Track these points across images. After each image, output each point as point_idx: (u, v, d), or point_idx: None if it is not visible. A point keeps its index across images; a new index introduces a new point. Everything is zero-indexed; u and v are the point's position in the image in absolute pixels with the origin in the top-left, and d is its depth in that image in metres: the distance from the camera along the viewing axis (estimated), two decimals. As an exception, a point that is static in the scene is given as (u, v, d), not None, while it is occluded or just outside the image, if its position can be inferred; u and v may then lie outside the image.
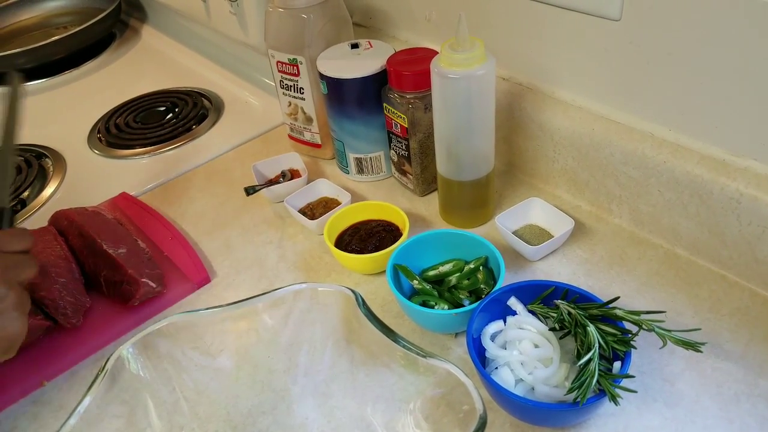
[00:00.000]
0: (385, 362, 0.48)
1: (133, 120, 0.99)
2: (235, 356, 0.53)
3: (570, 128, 0.66)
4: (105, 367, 0.45)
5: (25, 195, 0.87)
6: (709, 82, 0.54)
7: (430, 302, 0.57)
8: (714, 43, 0.52)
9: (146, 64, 1.19)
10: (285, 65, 0.77)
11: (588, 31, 0.61)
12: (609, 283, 0.61)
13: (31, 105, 1.12)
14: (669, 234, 0.63)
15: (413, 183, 0.74)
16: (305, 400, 0.51)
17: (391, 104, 0.69)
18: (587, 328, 0.48)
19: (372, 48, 0.73)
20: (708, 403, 0.50)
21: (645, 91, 0.60)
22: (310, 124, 0.81)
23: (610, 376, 0.46)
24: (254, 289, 0.66)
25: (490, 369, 0.51)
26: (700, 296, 0.58)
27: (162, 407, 0.48)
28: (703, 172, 0.57)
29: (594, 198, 0.68)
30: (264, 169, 0.79)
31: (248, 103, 1.00)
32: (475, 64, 0.57)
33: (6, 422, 0.56)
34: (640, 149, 0.61)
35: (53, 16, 1.35)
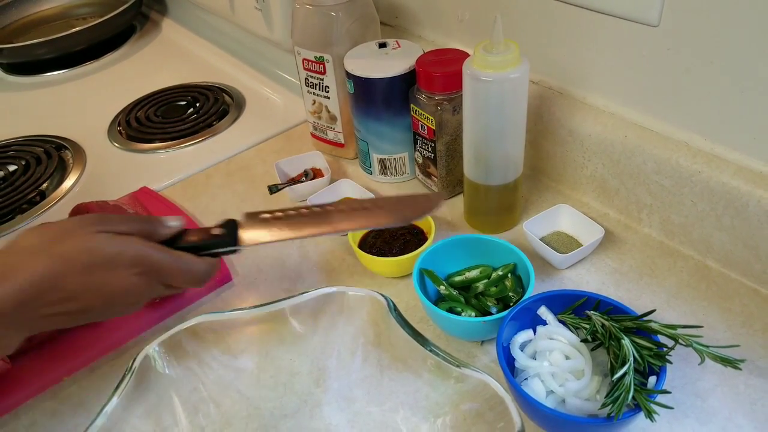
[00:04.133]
0: (414, 369, 0.47)
1: (154, 114, 0.98)
2: (257, 358, 0.53)
3: (601, 134, 0.65)
4: (132, 366, 0.44)
5: (44, 187, 0.86)
6: (749, 93, 0.53)
7: (457, 308, 0.56)
8: (755, 53, 0.51)
9: (166, 58, 1.18)
10: (311, 63, 0.76)
11: (624, 36, 0.60)
12: (638, 294, 0.60)
13: (52, 96, 1.12)
14: (701, 245, 0.61)
15: (438, 185, 0.73)
16: (329, 405, 0.51)
17: (419, 105, 0.68)
18: (621, 341, 0.47)
19: (400, 48, 0.72)
20: (741, 420, 0.49)
21: (681, 99, 0.59)
22: (333, 123, 0.80)
23: (646, 391, 0.45)
24: (276, 288, 0.65)
25: (519, 379, 0.50)
26: (733, 310, 0.57)
27: (187, 406, 0.47)
28: (740, 183, 0.56)
29: (623, 206, 0.67)
30: (287, 167, 0.78)
31: (269, 100, 0.99)
32: (509, 66, 0.56)
33: (25, 417, 0.56)
34: (674, 158, 0.59)
35: (74, 7, 1.35)
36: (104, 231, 0.47)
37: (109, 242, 0.46)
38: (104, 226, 0.47)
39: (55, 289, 0.44)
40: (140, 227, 0.49)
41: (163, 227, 0.50)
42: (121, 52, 1.22)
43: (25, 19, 1.32)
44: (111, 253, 0.46)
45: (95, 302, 0.46)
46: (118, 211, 0.71)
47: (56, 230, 0.46)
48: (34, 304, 0.43)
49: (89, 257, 0.45)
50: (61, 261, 0.44)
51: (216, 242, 0.51)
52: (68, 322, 0.46)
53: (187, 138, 0.92)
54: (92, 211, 0.69)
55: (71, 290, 0.44)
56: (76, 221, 0.48)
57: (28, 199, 0.84)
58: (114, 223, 0.48)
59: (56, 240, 0.45)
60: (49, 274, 0.43)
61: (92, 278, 0.45)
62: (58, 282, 0.44)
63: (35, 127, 1.00)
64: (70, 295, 0.44)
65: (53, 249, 0.44)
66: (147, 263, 0.47)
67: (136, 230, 0.49)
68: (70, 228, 0.46)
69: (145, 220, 0.51)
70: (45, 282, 0.43)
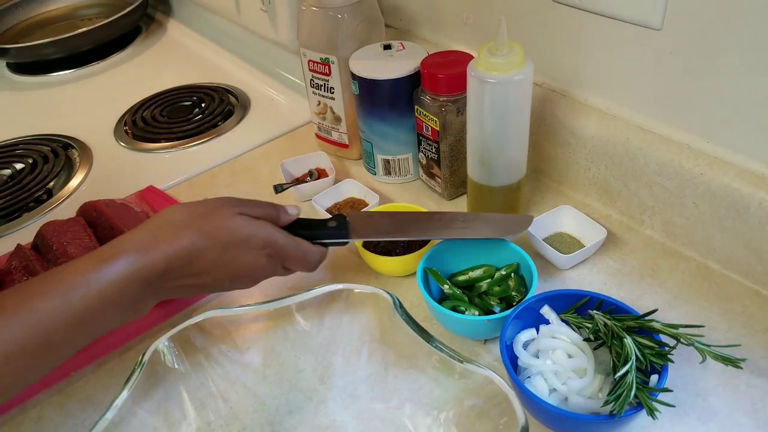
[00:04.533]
0: (419, 365, 0.47)
1: (160, 114, 0.99)
2: (262, 354, 0.53)
3: (604, 137, 0.65)
4: (142, 361, 0.45)
5: (51, 185, 0.87)
6: (750, 95, 0.54)
7: (460, 308, 0.57)
8: (757, 56, 0.52)
9: (172, 59, 1.19)
10: (316, 64, 0.76)
11: (627, 39, 0.60)
12: (641, 295, 0.60)
13: (58, 95, 1.13)
14: (702, 247, 0.62)
15: (441, 186, 0.74)
16: (334, 401, 0.51)
17: (423, 107, 0.68)
18: (624, 340, 0.48)
19: (405, 50, 0.73)
20: (742, 419, 0.49)
21: (683, 101, 0.59)
22: (338, 124, 0.81)
23: (648, 389, 0.45)
24: (280, 286, 0.65)
25: (522, 378, 0.51)
26: (734, 311, 0.58)
27: (195, 400, 0.48)
28: (741, 185, 0.56)
29: (626, 208, 0.67)
30: (291, 167, 0.79)
31: (274, 101, 1.00)
32: (513, 69, 0.57)
33: (33, 411, 0.56)
34: (677, 160, 0.60)
35: (80, 8, 1.36)
36: (242, 213, 0.51)
37: (247, 224, 0.50)
38: (242, 208, 0.52)
39: (194, 263, 0.47)
40: (268, 212, 0.54)
41: (286, 214, 0.55)
42: (127, 52, 1.23)
43: (31, 19, 1.33)
44: (247, 233, 0.50)
45: (224, 277, 0.50)
46: (125, 210, 0.72)
47: (203, 208, 0.50)
48: (174, 274, 0.47)
49: (230, 235, 0.49)
50: (205, 236, 0.48)
51: (330, 233, 0.57)
52: (195, 293, 0.50)
53: (193, 138, 0.93)
54: (101, 210, 0.69)
55: (207, 265, 0.48)
56: (218, 201, 0.52)
57: (35, 198, 0.85)
58: (249, 207, 0.52)
59: (203, 216, 0.49)
60: (193, 247, 0.47)
61: (226, 255, 0.49)
62: (198, 256, 0.47)
63: (42, 126, 1.01)
64: (205, 269, 0.48)
65: (201, 224, 0.48)
66: (275, 246, 0.51)
67: (264, 215, 0.53)
68: (214, 207, 0.50)
69: (271, 207, 0.55)
70: (189, 254, 0.47)
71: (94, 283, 0.43)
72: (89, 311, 0.43)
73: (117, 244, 0.46)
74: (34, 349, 0.41)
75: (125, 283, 0.44)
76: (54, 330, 0.42)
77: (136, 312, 0.47)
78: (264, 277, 0.53)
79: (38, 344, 0.41)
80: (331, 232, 0.57)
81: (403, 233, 0.59)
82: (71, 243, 0.65)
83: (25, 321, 0.41)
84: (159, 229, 0.47)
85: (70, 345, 0.44)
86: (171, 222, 0.48)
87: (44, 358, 0.43)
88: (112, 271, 0.44)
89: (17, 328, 0.41)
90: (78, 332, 0.43)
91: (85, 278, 0.43)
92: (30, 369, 0.42)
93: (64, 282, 0.43)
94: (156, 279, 0.46)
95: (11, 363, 0.40)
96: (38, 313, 0.41)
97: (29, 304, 0.42)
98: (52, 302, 0.42)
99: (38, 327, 0.41)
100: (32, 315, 0.41)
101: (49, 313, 0.42)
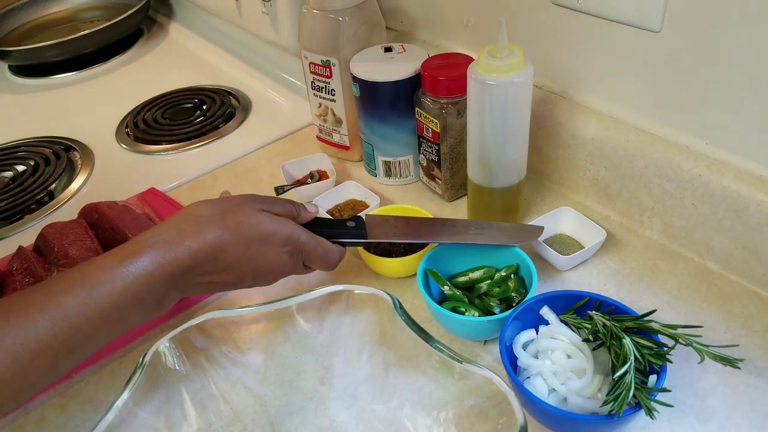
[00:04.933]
0: (419, 366, 0.48)
1: (161, 116, 1.00)
2: (263, 355, 0.54)
3: (604, 138, 0.65)
4: (143, 362, 0.45)
5: (53, 187, 0.87)
6: (749, 97, 0.54)
7: (460, 308, 0.57)
8: (755, 58, 0.52)
9: (173, 61, 1.20)
10: (317, 66, 0.77)
11: (627, 41, 0.61)
12: (640, 296, 0.60)
13: (60, 98, 1.13)
14: (701, 248, 0.62)
15: (442, 188, 0.74)
16: (335, 402, 0.51)
17: (424, 108, 0.69)
18: (623, 340, 0.48)
19: (405, 52, 0.73)
20: (741, 419, 0.50)
21: (683, 103, 0.60)
22: (339, 126, 0.81)
23: (646, 390, 0.45)
24: (281, 288, 0.65)
25: (522, 378, 0.51)
26: (733, 312, 0.58)
27: (196, 401, 0.48)
28: (740, 187, 0.56)
29: (625, 209, 0.68)
30: (292, 169, 0.79)
31: (275, 103, 1.00)
32: (513, 71, 0.57)
33: (34, 412, 0.57)
34: (676, 162, 0.60)
35: (82, 11, 1.37)
36: (264, 210, 0.51)
37: (270, 220, 0.51)
38: (264, 205, 0.52)
39: (218, 259, 0.48)
40: (288, 209, 0.54)
41: (305, 212, 0.56)
42: (129, 55, 1.23)
43: (33, 22, 1.34)
44: (270, 230, 0.50)
45: (246, 274, 0.50)
46: (126, 211, 0.72)
47: (226, 204, 0.50)
48: (198, 270, 0.47)
49: (253, 232, 0.49)
50: (229, 232, 0.48)
51: (350, 233, 0.57)
52: (217, 289, 0.51)
53: (194, 140, 0.93)
54: (102, 212, 0.70)
55: (230, 261, 0.48)
56: (241, 198, 0.52)
57: (37, 200, 0.85)
58: (271, 204, 0.53)
59: (227, 212, 0.49)
60: (217, 243, 0.47)
61: (249, 252, 0.49)
62: (222, 251, 0.48)
63: (44, 128, 1.01)
64: (228, 266, 0.48)
65: (225, 220, 0.48)
66: (297, 244, 0.52)
67: (285, 212, 0.54)
68: (237, 203, 0.51)
69: (291, 204, 0.55)
70: (213, 250, 0.47)
71: (119, 279, 0.43)
72: (115, 307, 0.43)
73: (141, 240, 0.46)
74: (61, 346, 0.41)
75: (150, 279, 0.44)
76: (80, 326, 0.42)
77: (160, 308, 0.47)
78: (285, 274, 0.54)
79: (65, 341, 0.41)
80: (350, 231, 0.58)
81: (419, 236, 0.60)
82: (73, 245, 0.65)
83: (53, 317, 0.41)
84: (183, 225, 0.47)
85: (94, 341, 0.44)
86: (195, 218, 0.48)
87: (70, 355, 0.43)
88: (137, 267, 0.44)
89: (45, 325, 0.40)
90: (103, 328, 0.43)
91: (111, 274, 0.43)
92: (56, 366, 0.42)
93: (89, 278, 0.43)
94: (180, 274, 0.46)
95: (38, 359, 0.40)
96: (65, 309, 0.41)
97: (56, 300, 0.42)
98: (78, 298, 0.42)
99: (65, 323, 0.41)
100: (59, 311, 0.41)
101: (75, 309, 0.42)
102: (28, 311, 0.41)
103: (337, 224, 0.59)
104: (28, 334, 0.40)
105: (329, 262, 0.56)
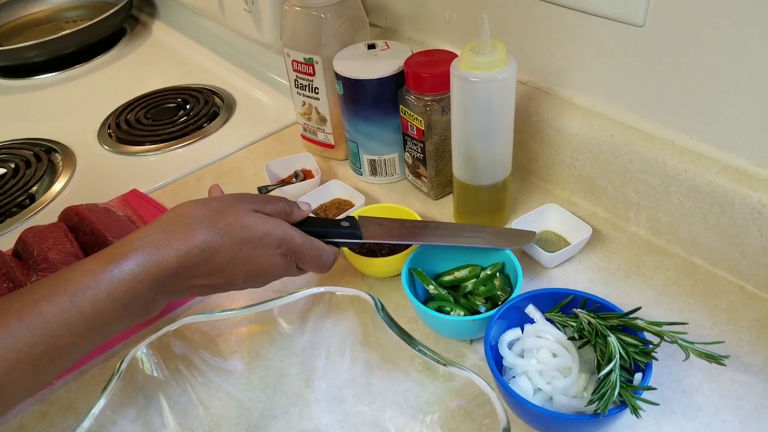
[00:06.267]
0: (403, 368, 0.47)
1: (144, 116, 0.98)
2: (246, 359, 0.53)
3: (589, 134, 0.65)
4: (119, 368, 0.44)
5: (34, 190, 0.86)
6: (733, 92, 0.54)
7: (446, 308, 0.57)
8: (740, 53, 0.52)
9: (157, 60, 1.18)
10: (300, 64, 0.76)
11: (611, 36, 0.60)
12: (626, 292, 0.60)
13: (41, 99, 1.11)
14: (687, 243, 0.62)
15: (428, 186, 0.73)
16: (319, 405, 0.51)
17: (408, 106, 0.68)
18: (608, 338, 0.47)
19: (389, 49, 0.72)
20: (727, 416, 0.49)
21: (667, 98, 0.59)
22: (323, 125, 0.80)
23: (632, 388, 0.45)
24: (265, 291, 0.64)
25: (507, 377, 0.51)
26: (719, 307, 0.58)
27: (176, 408, 0.47)
28: (725, 181, 0.56)
29: (611, 205, 0.67)
30: (277, 168, 0.78)
31: (260, 102, 0.99)
32: (496, 67, 0.56)
33: (13, 420, 0.56)
34: (661, 157, 0.60)
35: (63, 10, 1.35)
36: (256, 210, 0.50)
37: (262, 221, 0.49)
38: (256, 205, 0.50)
39: (208, 262, 0.46)
40: (281, 208, 0.52)
41: (299, 210, 0.54)
42: (112, 54, 1.22)
43: (14, 22, 1.32)
44: (263, 231, 0.48)
45: (237, 277, 0.48)
46: (108, 214, 0.71)
47: (217, 204, 0.49)
48: (187, 273, 0.45)
49: (245, 233, 0.47)
50: (220, 234, 0.46)
51: (344, 233, 0.56)
52: (208, 292, 0.49)
53: (178, 140, 0.92)
54: (82, 215, 0.69)
55: (221, 263, 0.47)
56: (232, 198, 0.50)
57: (18, 203, 0.84)
58: (263, 204, 0.51)
59: (217, 213, 0.47)
60: (206, 245, 0.46)
61: (240, 254, 0.47)
62: (213, 254, 0.46)
63: (25, 130, 1.00)
64: (219, 268, 0.47)
65: (215, 221, 0.47)
66: (290, 245, 0.50)
67: (277, 211, 0.52)
68: (228, 203, 0.49)
69: (284, 202, 0.53)
70: (202, 252, 0.45)
71: (103, 284, 0.42)
72: (98, 313, 0.42)
73: (127, 243, 0.44)
74: (41, 356, 0.40)
75: (135, 283, 0.43)
76: (61, 334, 0.40)
77: (147, 312, 0.45)
78: (277, 276, 0.52)
79: (44, 350, 0.40)
80: (345, 231, 0.56)
81: (412, 238, 0.59)
82: (52, 249, 0.64)
83: (31, 326, 0.39)
84: (171, 226, 0.46)
85: (78, 349, 0.42)
86: (184, 219, 0.46)
87: (51, 365, 0.41)
88: (121, 271, 0.42)
89: (22, 334, 0.39)
90: (87, 336, 0.42)
91: (94, 279, 0.42)
92: (35, 376, 0.41)
93: (71, 284, 0.41)
94: (168, 278, 0.44)
95: (15, 371, 0.39)
96: (44, 317, 0.40)
97: (36, 308, 0.40)
98: (59, 305, 0.40)
99: (44, 332, 0.40)
100: (39, 319, 0.40)
101: (55, 316, 0.40)
102: (6, 319, 0.39)
103: (331, 224, 0.57)
104: (5, 343, 0.38)
105: (323, 264, 0.54)
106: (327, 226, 0.57)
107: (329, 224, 0.57)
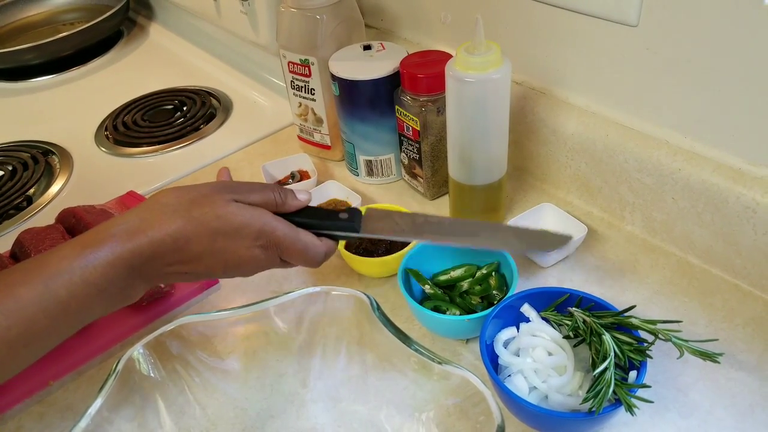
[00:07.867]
0: (399, 367, 0.47)
1: (141, 118, 0.99)
2: (243, 359, 0.53)
3: (584, 134, 0.65)
4: (116, 369, 0.44)
5: (31, 192, 0.86)
6: (727, 90, 0.54)
7: (442, 307, 0.57)
8: (733, 52, 0.52)
9: (154, 62, 1.18)
10: (296, 66, 0.76)
11: (604, 36, 0.60)
12: (621, 291, 0.60)
13: (39, 101, 1.12)
14: (682, 242, 0.62)
15: (424, 186, 0.73)
16: (315, 404, 0.51)
17: (404, 107, 0.68)
18: (602, 336, 0.48)
19: (384, 50, 0.73)
20: (722, 413, 0.49)
21: (661, 97, 0.59)
22: (320, 125, 0.80)
23: (626, 386, 0.45)
24: (263, 291, 0.65)
25: (503, 376, 0.51)
26: (714, 306, 0.58)
27: (173, 408, 0.47)
28: (719, 180, 0.56)
29: (606, 204, 0.68)
30: (273, 169, 0.79)
31: (257, 103, 0.99)
32: (490, 67, 0.57)
33: (11, 422, 0.56)
34: (655, 156, 0.60)
35: (60, 13, 1.35)
36: (237, 200, 0.48)
37: (240, 212, 0.47)
38: (238, 195, 0.49)
39: (182, 250, 0.46)
40: (268, 198, 0.50)
41: (294, 199, 0.52)
42: (109, 57, 1.22)
43: (11, 24, 1.32)
44: (239, 222, 0.47)
45: (216, 266, 0.48)
46: (104, 215, 0.71)
47: (195, 193, 0.48)
48: (161, 260, 0.45)
49: (219, 224, 0.46)
50: (194, 224, 0.46)
51: (340, 225, 0.52)
52: (189, 279, 0.49)
53: (175, 142, 0.92)
54: (80, 216, 0.69)
55: (196, 252, 0.46)
56: (213, 187, 0.49)
57: (15, 205, 0.84)
58: (245, 193, 0.49)
59: (195, 203, 0.47)
60: (179, 234, 0.45)
61: (216, 244, 0.46)
62: (186, 243, 0.46)
63: (22, 132, 1.00)
64: (195, 257, 0.46)
65: (191, 211, 0.46)
66: (270, 237, 0.48)
67: (263, 201, 0.50)
68: (207, 193, 0.48)
69: (274, 191, 0.51)
70: (175, 241, 0.45)
71: (77, 269, 0.42)
72: (74, 298, 0.42)
73: (102, 229, 0.45)
74: (15, 339, 0.40)
75: (109, 269, 0.43)
76: (36, 318, 0.41)
77: (126, 297, 0.46)
78: (261, 268, 0.50)
79: (18, 333, 0.40)
80: (339, 224, 0.52)
81: (419, 236, 0.54)
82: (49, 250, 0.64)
83: (5, 309, 0.40)
84: (147, 214, 0.46)
85: (54, 333, 0.43)
86: (160, 206, 0.46)
87: (27, 348, 0.41)
88: (96, 257, 0.43)
89: None
90: (62, 320, 0.42)
91: (69, 264, 0.42)
92: (10, 360, 0.41)
93: (47, 269, 0.42)
94: (142, 264, 0.44)
95: None
96: (20, 301, 0.40)
97: (11, 292, 0.40)
98: (34, 290, 0.41)
99: (19, 315, 0.40)
100: (13, 303, 0.40)
101: (30, 300, 0.41)
102: None
103: (327, 216, 0.53)
104: None
105: (311, 259, 0.51)
106: (321, 218, 0.53)
107: (324, 216, 0.53)
